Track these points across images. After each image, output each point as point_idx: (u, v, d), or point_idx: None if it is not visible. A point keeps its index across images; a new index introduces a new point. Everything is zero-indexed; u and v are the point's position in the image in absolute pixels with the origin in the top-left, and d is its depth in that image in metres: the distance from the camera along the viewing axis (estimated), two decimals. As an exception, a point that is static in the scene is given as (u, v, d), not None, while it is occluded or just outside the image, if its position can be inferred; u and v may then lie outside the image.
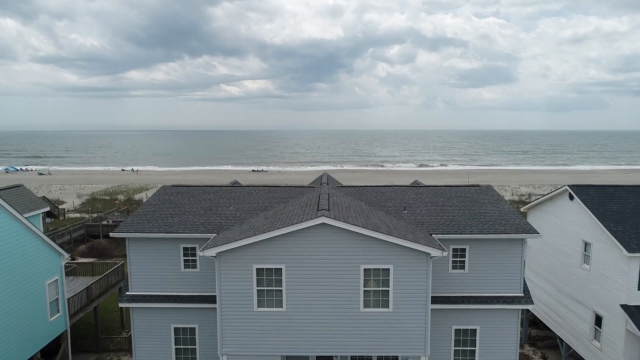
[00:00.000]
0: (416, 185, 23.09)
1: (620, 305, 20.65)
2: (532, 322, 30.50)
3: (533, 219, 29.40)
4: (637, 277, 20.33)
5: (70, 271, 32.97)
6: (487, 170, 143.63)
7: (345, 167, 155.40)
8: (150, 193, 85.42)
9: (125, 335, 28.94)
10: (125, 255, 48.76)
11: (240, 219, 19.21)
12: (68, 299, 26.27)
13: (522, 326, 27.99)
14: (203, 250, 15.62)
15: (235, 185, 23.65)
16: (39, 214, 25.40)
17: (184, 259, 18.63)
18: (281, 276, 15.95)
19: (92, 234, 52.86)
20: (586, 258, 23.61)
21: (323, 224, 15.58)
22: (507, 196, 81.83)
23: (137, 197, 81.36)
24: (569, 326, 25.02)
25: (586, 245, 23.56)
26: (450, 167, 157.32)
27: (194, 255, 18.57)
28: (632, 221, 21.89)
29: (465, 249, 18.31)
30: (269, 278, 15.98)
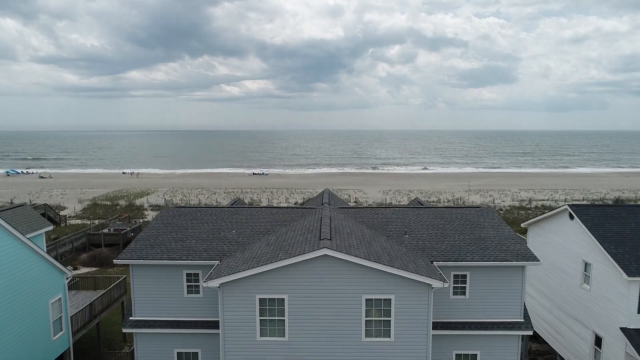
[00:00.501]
0: (417, 206, 23.20)
1: (620, 328, 20.78)
2: (532, 336, 30.65)
3: (533, 236, 29.54)
4: (637, 300, 20.46)
5: (73, 285, 33.09)
6: (488, 173, 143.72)
7: (345, 170, 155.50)
8: (151, 198, 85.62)
9: (128, 350, 29.11)
10: (127, 266, 48.99)
11: (243, 243, 19.34)
12: (71, 317, 26.41)
13: (522, 341, 28.14)
14: (206, 281, 15.76)
15: (236, 206, 23.77)
16: (41, 233, 25.53)
17: (187, 285, 18.77)
18: (284, 306, 16.08)
19: (94, 243, 52.99)
20: (586, 278, 23.74)
21: (325, 255, 15.71)
22: (508, 201, 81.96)
23: (138, 202, 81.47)
24: (569, 344, 25.17)
25: (586, 265, 23.70)
26: (451, 170, 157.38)
27: (197, 281, 18.70)
28: (632, 243, 22.01)
29: (466, 275, 18.45)
30: (271, 308, 16.12)
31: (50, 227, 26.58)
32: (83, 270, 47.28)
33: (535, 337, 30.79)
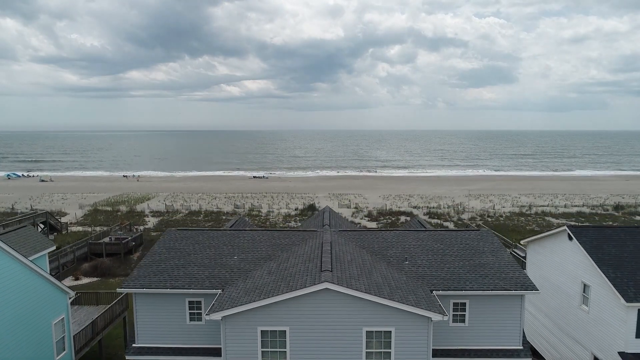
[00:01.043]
0: (417, 229, 23.38)
1: (618, 352, 20.97)
2: (533, 352, 30.83)
3: (533, 254, 29.73)
4: (635, 325, 20.65)
5: (75, 300, 33.23)
6: (488, 176, 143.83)
7: (346, 173, 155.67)
8: (151, 203, 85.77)
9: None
10: (128, 275, 49.17)
11: (245, 270, 19.53)
12: (74, 336, 26.60)
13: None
14: (209, 313, 15.95)
15: (237, 228, 23.94)
16: (45, 254, 25.74)
17: (190, 312, 18.96)
18: (285, 338, 16.27)
19: (95, 252, 53.16)
20: (585, 299, 23.92)
21: (326, 288, 15.90)
22: (508, 207, 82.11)
23: (138, 207, 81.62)
24: (568, 364, 25.35)
25: (585, 286, 23.88)
26: (452, 173, 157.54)
27: (200, 308, 18.90)
28: (630, 266, 22.19)
29: (465, 303, 18.63)
30: (273, 340, 16.31)
31: (53, 247, 26.78)
32: (85, 280, 47.41)
33: (535, 352, 30.99)
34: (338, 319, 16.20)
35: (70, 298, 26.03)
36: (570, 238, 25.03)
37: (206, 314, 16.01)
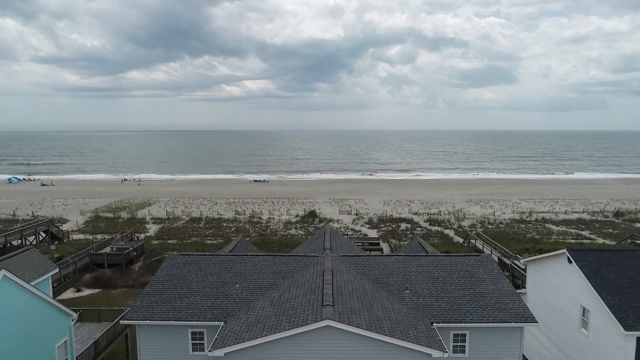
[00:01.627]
0: (418, 255, 23.53)
1: (617, 379, 21.13)
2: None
3: (532, 273, 29.89)
4: (634, 353, 20.79)
5: (77, 316, 33.40)
6: (489, 180, 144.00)
7: (346, 176, 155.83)
8: (152, 209, 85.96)
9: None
10: (130, 286, 49.37)
11: (246, 300, 19.69)
12: (77, 357, 26.77)
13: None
14: (212, 350, 16.11)
15: (239, 253, 24.10)
16: (48, 277, 25.93)
17: (192, 343, 19.14)
18: (287, 373, 16.44)
19: (97, 263, 53.31)
20: (584, 323, 24.08)
21: (328, 326, 16.06)
22: (508, 213, 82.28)
23: (139, 214, 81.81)
24: (567, 386, 25.49)
25: (584, 310, 24.03)
26: (452, 176, 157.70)
27: (202, 339, 19.08)
28: (629, 293, 22.33)
29: (465, 334, 18.80)
30: (275, 375, 16.48)
31: (56, 270, 26.97)
32: (86, 292, 47.57)
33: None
34: (340, 355, 16.37)
35: (72, 320, 26.24)
36: (569, 261, 25.19)
37: (209, 351, 16.18)
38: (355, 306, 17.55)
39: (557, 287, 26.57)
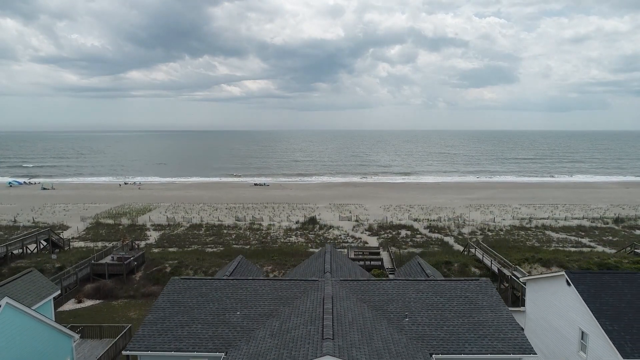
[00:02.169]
0: (417, 279, 23.67)
1: (616, 406, 21.25)
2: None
3: (532, 292, 30.03)
4: (632, 380, 20.92)
5: (78, 333, 33.57)
6: (489, 183, 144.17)
7: (347, 179, 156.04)
8: (153, 215, 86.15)
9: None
10: (131, 297, 49.54)
11: (247, 329, 19.86)
12: (78, 377, 27.01)
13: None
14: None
15: (240, 278, 24.25)
16: (50, 300, 26.10)
17: (194, 372, 19.33)
18: (287, 407, 16.59)
19: (98, 273, 53.50)
20: (583, 346, 24.22)
21: (328, 361, 16.24)
22: (508, 219, 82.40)
23: (140, 220, 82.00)
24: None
25: (583, 333, 24.17)
26: (452, 179, 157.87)
27: (203, 368, 19.26)
28: (627, 318, 22.46)
29: (464, 364, 18.96)
30: (275, 409, 16.64)
31: (58, 292, 27.14)
32: (88, 303, 47.73)
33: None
34: (340, 389, 16.50)
35: (74, 341, 26.44)
36: (568, 284, 25.33)
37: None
38: (355, 338, 17.71)
39: (556, 309, 26.71)
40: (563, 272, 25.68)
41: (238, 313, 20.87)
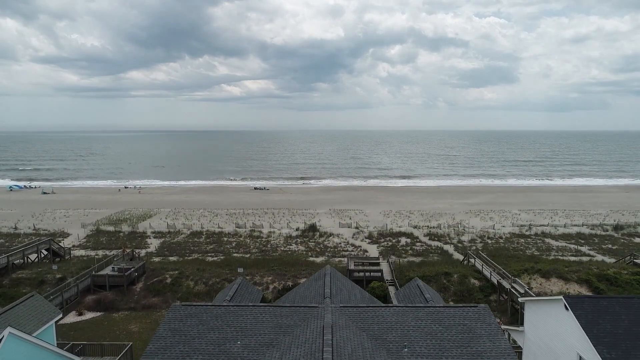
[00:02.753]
0: (416, 306, 23.82)
1: None
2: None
3: (530, 312, 30.15)
4: (629, 409, 21.10)
5: (79, 351, 33.67)
6: (489, 188, 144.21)
7: (347, 183, 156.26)
8: (153, 222, 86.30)
9: None
10: (131, 309, 49.68)
11: (248, 360, 20.06)
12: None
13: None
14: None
15: (241, 304, 24.39)
16: (52, 324, 26.26)
17: (194, 405, 19.52)
18: None
19: (98, 284, 53.66)
20: (581, 372, 24.37)
21: (327, 399, 16.42)
22: (508, 226, 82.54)
23: (140, 227, 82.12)
24: None
25: (581, 358, 24.31)
26: (453, 183, 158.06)
27: (203, 401, 19.44)
28: (624, 345, 22.59)
29: (462, 396, 19.15)
30: None
31: (60, 315, 27.32)
32: (88, 315, 47.81)
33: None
34: None
35: (76, 364, 26.60)
36: (566, 308, 25.46)
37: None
38: (355, 372, 17.90)
39: (555, 332, 26.85)
40: (561, 297, 25.80)
41: (238, 343, 21.05)
